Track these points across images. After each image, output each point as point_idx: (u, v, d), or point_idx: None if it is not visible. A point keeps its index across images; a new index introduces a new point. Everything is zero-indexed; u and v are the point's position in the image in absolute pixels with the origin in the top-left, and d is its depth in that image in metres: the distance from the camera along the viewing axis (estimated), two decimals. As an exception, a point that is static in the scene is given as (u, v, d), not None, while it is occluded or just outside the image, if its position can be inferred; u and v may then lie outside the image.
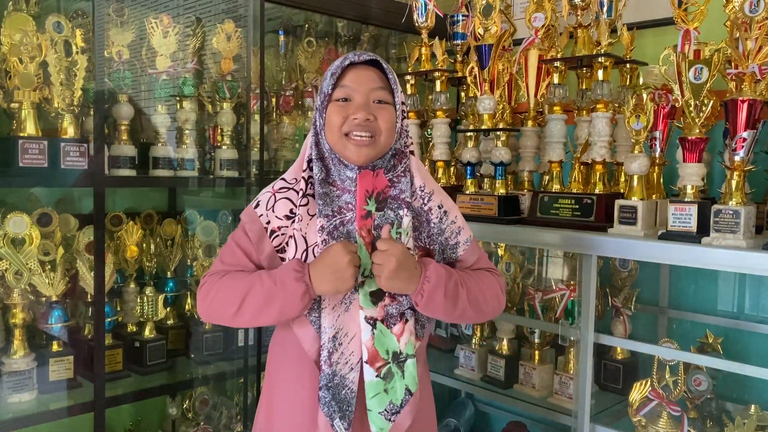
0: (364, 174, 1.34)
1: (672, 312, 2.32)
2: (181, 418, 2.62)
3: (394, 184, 1.37)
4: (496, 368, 2.36)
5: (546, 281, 2.38)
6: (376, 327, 1.32)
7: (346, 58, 1.35)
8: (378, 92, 1.34)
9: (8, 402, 2.00)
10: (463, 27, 2.54)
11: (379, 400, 1.32)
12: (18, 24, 1.96)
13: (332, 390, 1.30)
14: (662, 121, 1.95)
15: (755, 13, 1.66)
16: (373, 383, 1.32)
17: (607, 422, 1.98)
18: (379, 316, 1.32)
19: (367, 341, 1.31)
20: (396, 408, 1.33)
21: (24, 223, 2.02)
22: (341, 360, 1.31)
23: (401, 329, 1.33)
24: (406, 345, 1.34)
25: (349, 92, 1.34)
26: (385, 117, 1.33)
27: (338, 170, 1.36)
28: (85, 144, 2.02)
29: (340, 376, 1.31)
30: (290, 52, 2.78)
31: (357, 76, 1.34)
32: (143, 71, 2.33)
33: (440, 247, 1.41)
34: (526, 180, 2.36)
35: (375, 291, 1.33)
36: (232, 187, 2.54)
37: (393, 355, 1.33)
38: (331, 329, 1.31)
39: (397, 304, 1.34)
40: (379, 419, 1.32)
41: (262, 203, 1.38)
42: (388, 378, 1.32)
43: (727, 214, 1.65)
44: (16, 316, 2.05)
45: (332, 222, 1.32)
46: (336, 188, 1.35)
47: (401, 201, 1.36)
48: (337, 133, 1.32)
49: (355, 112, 1.31)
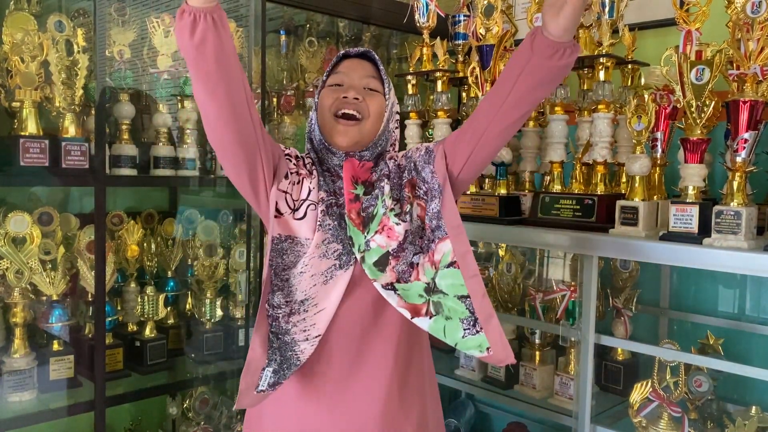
0: (349, 161, 1.39)
1: (673, 313, 2.32)
2: (181, 418, 2.61)
3: (375, 170, 1.41)
4: (497, 369, 2.36)
5: (547, 282, 2.38)
6: (397, 289, 1.33)
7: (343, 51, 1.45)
8: (369, 80, 1.40)
9: (8, 401, 2.00)
10: (464, 27, 2.53)
11: (451, 331, 1.31)
12: (19, 23, 1.96)
13: (280, 341, 1.32)
14: (664, 121, 1.95)
15: (757, 14, 1.65)
16: (432, 327, 1.31)
17: (607, 423, 1.98)
18: (392, 278, 1.33)
19: (397, 303, 1.32)
20: (472, 320, 1.31)
21: (25, 222, 2.02)
22: (299, 325, 1.32)
23: (416, 274, 1.34)
24: (426, 273, 1.34)
25: (342, 78, 1.40)
26: (374, 103, 1.39)
27: (328, 158, 1.42)
28: (86, 143, 2.02)
29: (291, 337, 1.32)
30: (291, 52, 2.78)
31: (352, 64, 1.42)
32: (144, 70, 2.33)
33: (417, 174, 1.41)
34: (527, 180, 2.36)
35: (377, 259, 1.34)
36: (233, 187, 2.53)
37: (425, 290, 1.33)
38: (302, 293, 1.32)
39: (402, 259, 1.34)
40: (473, 341, 1.30)
41: (289, 151, 1.44)
42: (439, 309, 1.32)
43: (728, 215, 1.65)
44: (16, 315, 2.05)
45: (329, 200, 1.38)
46: (331, 174, 1.42)
47: (382, 175, 1.40)
48: (328, 114, 1.38)
49: (346, 91, 1.37)
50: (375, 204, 1.37)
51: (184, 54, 1.21)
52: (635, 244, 1.80)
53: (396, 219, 1.36)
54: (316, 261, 1.33)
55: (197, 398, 2.60)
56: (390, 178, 1.40)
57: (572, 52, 1.25)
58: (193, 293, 2.59)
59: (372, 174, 1.40)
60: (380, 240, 1.34)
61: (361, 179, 1.39)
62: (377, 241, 1.35)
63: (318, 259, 1.33)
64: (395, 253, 1.34)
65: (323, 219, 1.35)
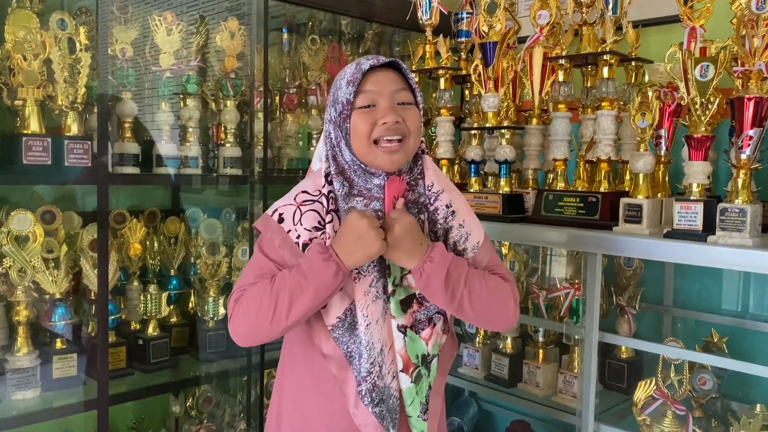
0: (391, 180, 1.30)
1: (677, 311, 2.31)
2: (184, 416, 2.62)
3: (412, 188, 1.35)
4: (500, 367, 2.36)
5: (550, 280, 2.38)
6: (407, 334, 1.31)
7: (360, 65, 1.29)
8: (401, 94, 1.30)
9: (12, 399, 2.00)
10: (467, 24, 2.53)
11: (415, 405, 1.33)
12: (22, 21, 1.96)
13: (385, 404, 1.30)
14: (668, 119, 1.94)
15: (762, 11, 1.65)
16: (409, 389, 1.32)
17: (611, 421, 1.98)
18: (408, 323, 1.32)
19: (401, 349, 1.31)
20: (425, 406, 1.34)
21: (28, 221, 2.02)
22: (383, 371, 1.30)
23: (429, 333, 1.33)
24: (433, 346, 1.34)
25: (373, 97, 1.28)
26: (412, 118, 1.30)
27: (364, 180, 1.31)
28: (89, 141, 2.02)
29: (381, 386, 1.30)
30: (294, 50, 2.77)
31: (378, 79, 1.29)
32: (147, 69, 2.32)
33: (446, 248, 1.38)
34: (531, 178, 2.35)
35: (404, 299, 1.32)
36: (235, 185, 2.54)
37: (422, 359, 1.33)
38: (379, 342, 1.29)
39: (424, 309, 1.34)
40: (419, 422, 1.34)
41: (287, 218, 1.31)
42: (418, 380, 1.33)
43: (733, 213, 1.64)
44: (19, 314, 2.06)
45: None
46: (363, 198, 1.31)
47: (420, 204, 1.35)
48: (366, 141, 1.28)
49: (384, 116, 1.26)
50: None
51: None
52: (639, 242, 1.79)
53: None
54: (371, 307, 1.29)
55: (200, 396, 2.61)
56: (426, 215, 1.35)
57: (427, 269, 1.26)
58: (195, 291, 2.59)
59: (406, 191, 1.33)
60: (411, 280, 1.32)
61: (400, 195, 1.32)
62: (409, 280, 1.32)
63: (373, 304, 1.29)
64: (421, 299, 1.33)
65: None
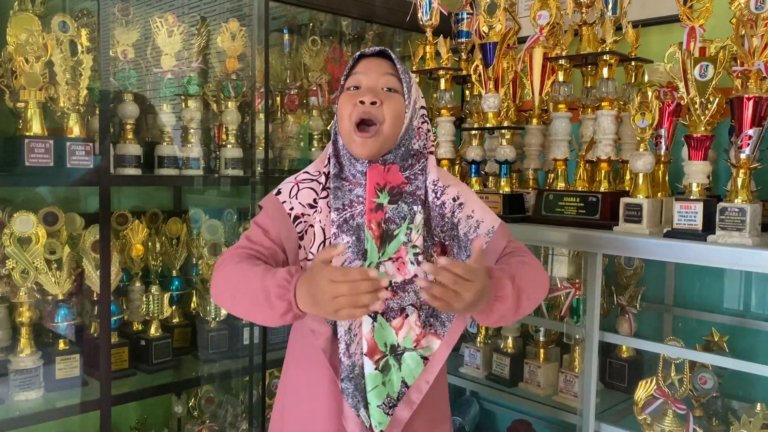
0: (373, 167, 1.34)
1: (677, 310, 2.32)
2: (186, 416, 2.62)
3: (410, 181, 1.37)
4: (501, 366, 2.36)
5: (551, 279, 2.38)
6: (377, 320, 1.32)
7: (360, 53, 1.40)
8: (387, 78, 1.35)
9: (15, 400, 2.01)
10: (467, 25, 2.53)
11: (377, 392, 1.32)
12: (24, 24, 1.97)
13: (354, 381, 1.31)
14: (667, 118, 1.95)
15: (761, 10, 1.65)
16: (372, 375, 1.31)
17: (612, 420, 1.98)
18: (380, 308, 1.30)
19: (367, 333, 1.32)
20: (393, 401, 1.33)
21: (30, 222, 2.03)
22: (358, 350, 1.32)
23: (400, 323, 1.33)
24: (404, 339, 1.33)
25: (359, 78, 1.36)
26: (391, 104, 1.33)
27: (350, 165, 1.37)
28: (91, 143, 2.02)
29: (359, 366, 1.31)
30: (295, 51, 2.78)
31: (367, 64, 1.37)
32: (148, 70, 2.33)
33: (457, 242, 1.39)
34: (531, 178, 2.36)
35: None
36: (237, 186, 2.55)
37: (391, 348, 1.33)
38: (346, 321, 1.31)
39: (398, 298, 1.33)
40: (378, 413, 1.32)
41: (284, 191, 1.40)
42: (386, 371, 1.32)
43: (732, 212, 1.64)
44: (22, 315, 2.06)
45: (342, 215, 1.33)
46: (348, 182, 1.37)
47: (416, 197, 1.36)
48: (347, 123, 1.33)
49: (363, 95, 1.32)
50: (399, 225, 1.34)
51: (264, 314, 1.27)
52: (639, 242, 1.80)
53: (413, 258, 1.33)
54: None
55: (202, 397, 2.61)
56: (426, 206, 1.37)
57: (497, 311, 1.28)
58: (197, 292, 2.60)
59: (403, 184, 1.36)
60: (390, 267, 1.32)
61: (390, 184, 1.35)
62: (387, 267, 1.32)
63: None
64: (396, 288, 1.33)
65: (336, 242, 1.31)
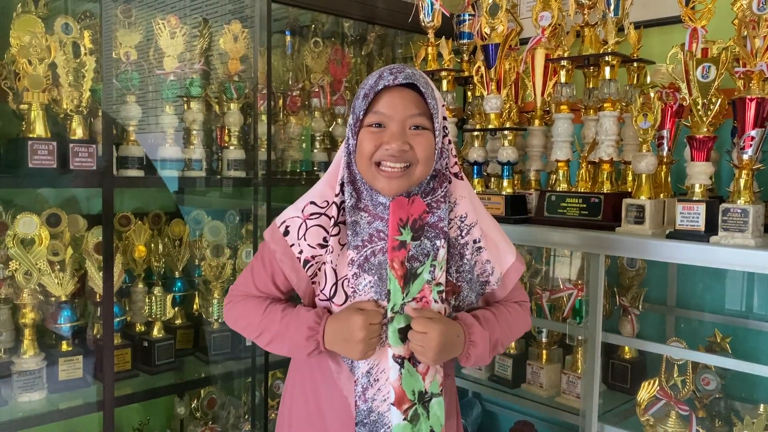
0: (397, 201, 1.24)
1: (680, 311, 2.31)
2: (189, 418, 2.63)
3: (432, 210, 1.27)
4: (504, 368, 2.36)
5: (553, 280, 2.38)
6: (404, 366, 1.24)
7: (380, 79, 1.23)
8: (415, 119, 1.23)
9: (18, 401, 2.01)
10: (469, 26, 2.54)
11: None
12: (27, 26, 1.97)
13: (368, 427, 1.25)
14: (670, 119, 1.95)
15: (763, 11, 1.65)
16: (400, 426, 1.24)
17: (615, 422, 1.98)
18: (406, 354, 1.24)
19: (395, 381, 1.23)
20: None
21: (33, 224, 2.03)
22: (378, 396, 1.25)
23: (425, 368, 1.26)
24: (431, 384, 1.26)
25: (382, 119, 1.23)
26: (422, 145, 1.22)
27: (370, 195, 1.27)
28: (94, 145, 2.03)
29: (377, 413, 1.25)
30: (297, 53, 2.78)
31: (392, 100, 1.22)
32: (151, 72, 2.34)
33: (469, 285, 1.32)
34: (533, 179, 2.36)
35: (403, 327, 1.23)
36: (239, 187, 2.55)
37: (419, 395, 1.25)
38: (365, 364, 1.25)
39: None
40: None
41: (292, 232, 1.29)
42: (415, 420, 1.24)
43: (735, 213, 1.64)
44: (25, 316, 2.07)
45: (362, 253, 1.24)
46: (368, 214, 1.26)
47: (439, 230, 1.26)
48: (367, 162, 1.23)
49: (389, 141, 1.21)
50: (422, 262, 1.24)
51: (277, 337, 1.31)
52: (642, 243, 1.80)
53: (437, 296, 1.25)
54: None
55: (205, 398, 2.62)
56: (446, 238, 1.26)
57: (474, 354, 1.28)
58: (200, 293, 2.60)
59: (425, 213, 1.25)
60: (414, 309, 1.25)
61: (412, 216, 1.24)
62: (410, 308, 1.24)
63: None
64: None
65: (357, 282, 1.24)
